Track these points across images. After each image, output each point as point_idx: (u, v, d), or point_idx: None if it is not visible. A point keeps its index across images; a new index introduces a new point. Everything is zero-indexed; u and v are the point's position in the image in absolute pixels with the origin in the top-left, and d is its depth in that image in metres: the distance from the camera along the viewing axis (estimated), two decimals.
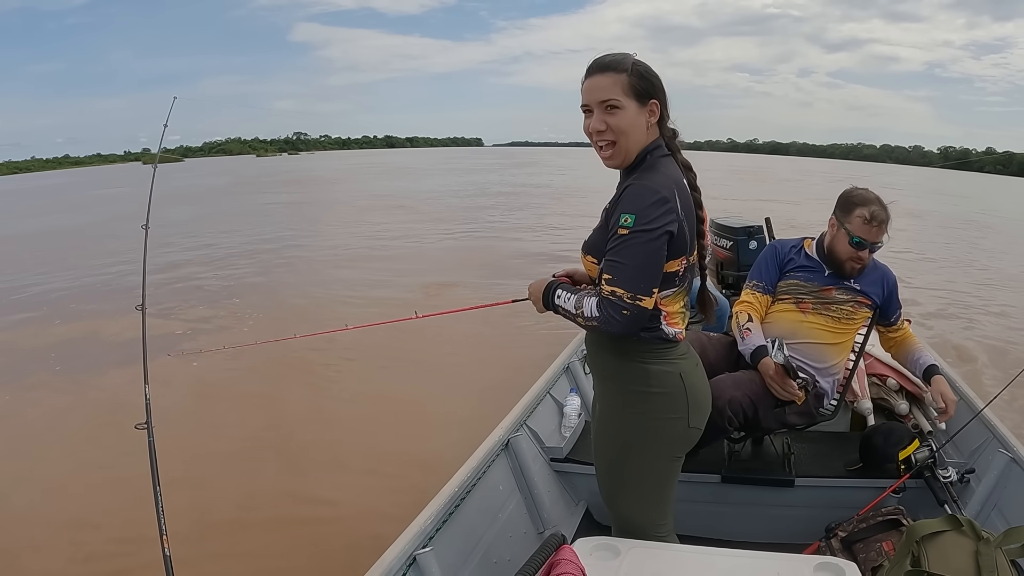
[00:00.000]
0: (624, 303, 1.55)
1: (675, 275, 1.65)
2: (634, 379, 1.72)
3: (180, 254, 13.06)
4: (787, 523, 2.60)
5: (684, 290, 1.72)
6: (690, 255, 1.68)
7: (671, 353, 1.72)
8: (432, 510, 2.13)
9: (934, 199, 30.30)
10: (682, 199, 1.60)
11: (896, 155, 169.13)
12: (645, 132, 1.66)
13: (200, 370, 6.16)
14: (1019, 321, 8.42)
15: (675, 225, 1.57)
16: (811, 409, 2.49)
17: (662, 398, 1.71)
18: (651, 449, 1.76)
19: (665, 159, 1.67)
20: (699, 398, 1.76)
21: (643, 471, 1.79)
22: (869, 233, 2.46)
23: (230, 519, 3.83)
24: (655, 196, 1.54)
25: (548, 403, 3.12)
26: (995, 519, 2.37)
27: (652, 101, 1.64)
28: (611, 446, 1.82)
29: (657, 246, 1.55)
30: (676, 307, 1.71)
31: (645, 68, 1.64)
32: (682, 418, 1.72)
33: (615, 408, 1.78)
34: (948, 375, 3.25)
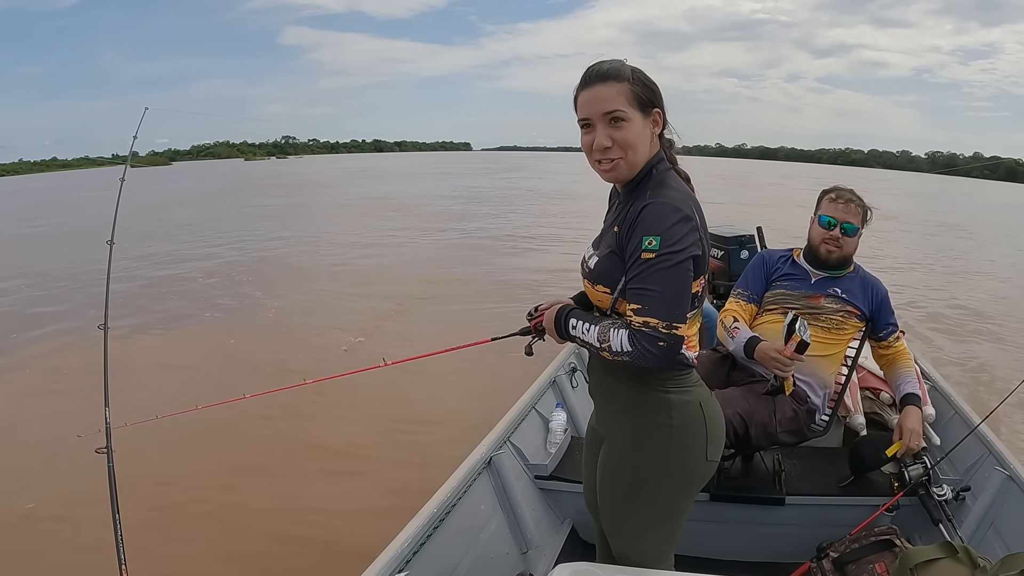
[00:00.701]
0: (659, 334, 1.42)
1: (696, 296, 1.54)
2: (655, 411, 1.59)
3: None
4: (778, 542, 2.54)
5: (700, 311, 1.61)
6: (707, 274, 1.58)
7: (689, 380, 1.60)
8: (409, 532, 2.06)
9: (930, 204, 30.64)
10: (699, 215, 1.51)
11: (884, 160, 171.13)
12: (650, 144, 1.56)
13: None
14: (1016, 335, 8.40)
15: (700, 245, 1.47)
16: (802, 426, 2.43)
17: (683, 431, 1.58)
18: (668, 486, 1.63)
19: (670, 172, 1.57)
20: (716, 429, 1.64)
21: (656, 508, 1.66)
22: (836, 210, 2.52)
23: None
24: (678, 215, 1.44)
25: (533, 418, 3.05)
26: (991, 539, 2.31)
27: (655, 110, 1.54)
28: (623, 482, 1.67)
29: (685, 268, 1.44)
30: (693, 330, 1.58)
31: (645, 75, 1.54)
32: (701, 450, 1.60)
33: (631, 442, 1.64)
34: (943, 389, 3.22)
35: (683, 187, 1.55)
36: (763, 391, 2.43)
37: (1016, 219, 28.37)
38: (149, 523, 3.58)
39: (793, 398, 2.41)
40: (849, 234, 2.51)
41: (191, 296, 9.61)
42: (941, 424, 3.05)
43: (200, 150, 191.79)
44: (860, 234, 2.55)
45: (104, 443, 1.74)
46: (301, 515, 3.83)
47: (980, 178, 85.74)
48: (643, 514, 1.67)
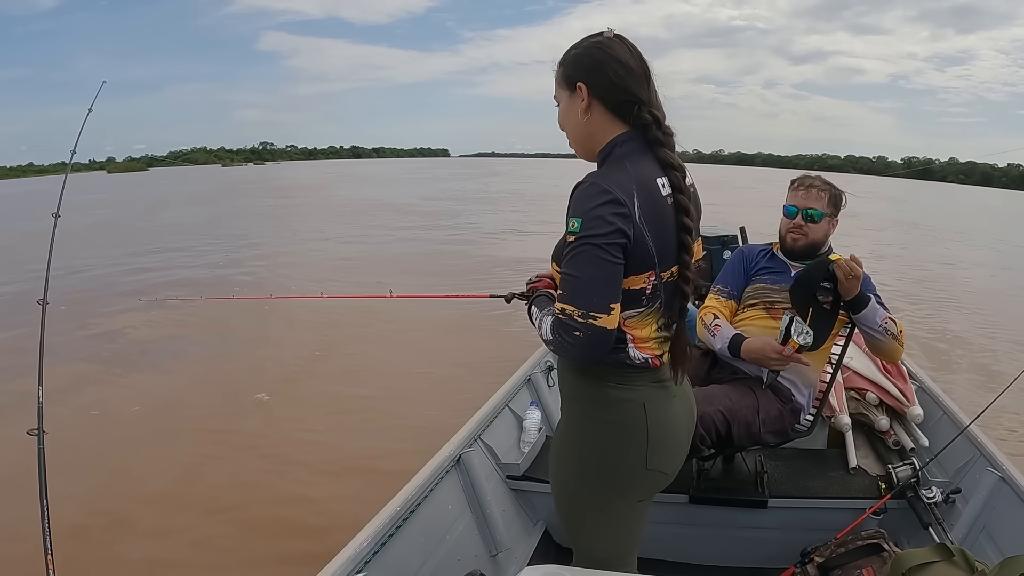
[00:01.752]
0: (575, 322, 1.33)
1: (640, 293, 1.41)
2: (592, 402, 1.50)
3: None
4: (760, 547, 2.46)
5: (657, 312, 1.46)
6: (663, 270, 1.42)
7: (638, 379, 1.48)
8: (369, 531, 1.96)
9: (895, 204, 31.63)
10: (645, 202, 1.35)
11: (860, 165, 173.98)
12: (581, 122, 1.46)
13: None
14: (1006, 334, 8.47)
15: (628, 233, 1.33)
16: (786, 426, 2.33)
17: (616, 429, 1.47)
18: (601, 483, 1.53)
19: (637, 154, 1.42)
20: (665, 437, 1.51)
21: (594, 505, 1.57)
22: (797, 198, 2.44)
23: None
24: (604, 197, 1.32)
25: (506, 416, 2.95)
26: (984, 543, 2.22)
27: (578, 85, 1.44)
28: (563, 472, 1.60)
29: (605, 255, 1.32)
30: (647, 331, 1.46)
31: (578, 51, 1.45)
32: (638, 455, 1.48)
33: (571, 431, 1.56)
34: (930, 389, 3.15)
35: (642, 170, 1.40)
36: (759, 387, 2.32)
37: (974, 219, 30.08)
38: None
39: (777, 396, 2.31)
40: (814, 220, 2.40)
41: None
42: (929, 425, 2.98)
43: (177, 156, 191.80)
44: (830, 220, 2.44)
45: (36, 424, 1.63)
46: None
47: (955, 183, 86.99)
48: (582, 510, 1.59)
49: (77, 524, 3.64)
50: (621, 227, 1.31)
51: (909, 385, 3.11)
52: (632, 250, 1.34)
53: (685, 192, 1.42)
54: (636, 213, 1.33)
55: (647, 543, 2.21)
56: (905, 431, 2.95)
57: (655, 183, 1.39)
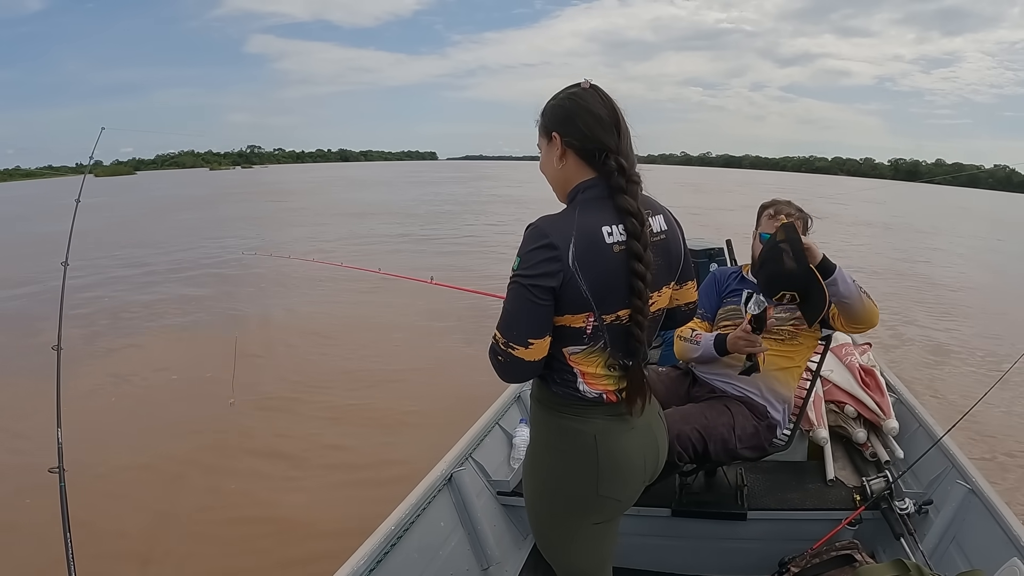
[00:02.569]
0: (499, 348, 1.47)
1: (580, 332, 1.48)
2: (548, 430, 1.60)
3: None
4: (740, 557, 2.53)
5: (602, 351, 1.51)
6: (604, 312, 1.46)
7: (591, 412, 1.55)
8: (366, 549, 2.04)
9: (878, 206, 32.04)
10: (582, 249, 1.41)
11: (847, 167, 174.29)
12: (556, 169, 1.54)
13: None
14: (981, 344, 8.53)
15: (559, 277, 1.39)
16: (762, 442, 2.41)
17: (568, 456, 1.57)
18: (556, 505, 1.63)
19: (596, 201, 1.48)
20: (616, 467, 1.57)
21: (554, 524, 1.66)
22: (772, 226, 2.46)
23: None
24: (539, 242, 1.41)
25: (496, 434, 3.03)
26: (953, 553, 2.30)
27: (552, 134, 1.51)
28: (527, 491, 1.71)
29: (530, 295, 1.41)
30: (595, 368, 1.52)
31: (555, 102, 1.53)
32: (590, 483, 1.56)
33: (532, 456, 1.68)
34: (907, 402, 3.24)
35: (590, 218, 1.44)
36: (735, 405, 2.40)
37: (956, 220, 30.52)
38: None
39: (753, 413, 2.39)
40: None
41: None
42: (906, 437, 3.06)
43: (164, 160, 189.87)
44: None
45: (56, 463, 1.73)
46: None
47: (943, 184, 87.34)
48: (545, 528, 1.69)
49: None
50: (549, 271, 1.39)
51: (887, 398, 3.17)
52: (563, 293, 1.42)
53: (641, 239, 1.43)
54: (570, 258, 1.39)
55: (632, 554, 2.30)
56: (882, 443, 3.03)
57: (599, 231, 1.43)
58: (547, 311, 1.43)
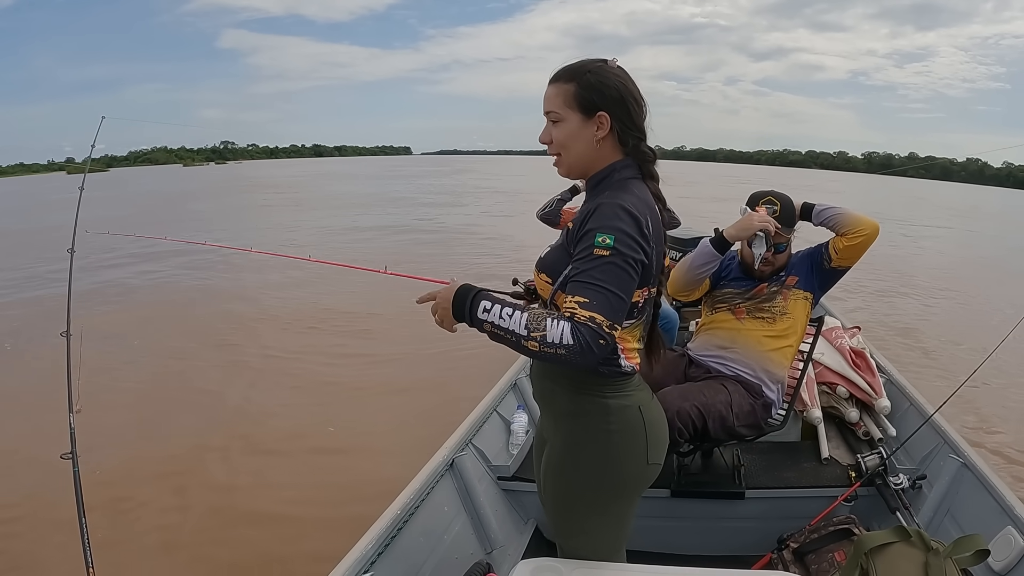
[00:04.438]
0: (603, 332, 1.35)
1: (636, 306, 1.50)
2: (594, 416, 1.57)
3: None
4: (739, 535, 2.57)
5: (642, 323, 1.57)
6: (652, 286, 1.54)
7: (628, 386, 1.58)
8: (373, 534, 2.06)
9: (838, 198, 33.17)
10: (655, 223, 1.48)
11: (821, 161, 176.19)
12: (593, 147, 1.52)
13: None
14: (970, 324, 8.67)
15: (647, 254, 1.44)
16: (758, 419, 2.45)
17: (622, 435, 1.57)
18: (608, 491, 1.62)
19: (636, 181, 1.52)
20: (657, 432, 1.62)
21: (596, 512, 1.65)
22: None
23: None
24: (635, 220, 1.41)
25: (495, 421, 3.05)
26: (948, 525, 2.35)
27: (600, 114, 1.48)
28: (564, 485, 1.66)
29: (633, 273, 1.40)
30: (632, 342, 1.56)
31: (600, 78, 1.48)
32: (641, 454, 1.58)
33: (571, 448, 1.62)
34: (898, 382, 3.29)
35: (646, 197, 1.50)
36: (732, 384, 2.45)
37: (911, 209, 31.34)
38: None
39: (748, 392, 2.44)
40: (780, 251, 2.53)
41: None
42: (897, 416, 3.12)
43: (137, 156, 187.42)
44: (791, 242, 2.57)
45: (69, 449, 1.74)
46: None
47: (916, 177, 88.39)
48: (584, 517, 1.66)
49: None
50: (644, 247, 1.42)
51: (877, 378, 3.24)
52: (646, 267, 1.45)
53: (665, 222, 1.54)
54: (650, 236, 1.44)
55: (633, 535, 2.31)
56: (874, 422, 3.09)
57: (656, 209, 1.51)
58: (635, 288, 1.45)
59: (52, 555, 3.25)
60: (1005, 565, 1.96)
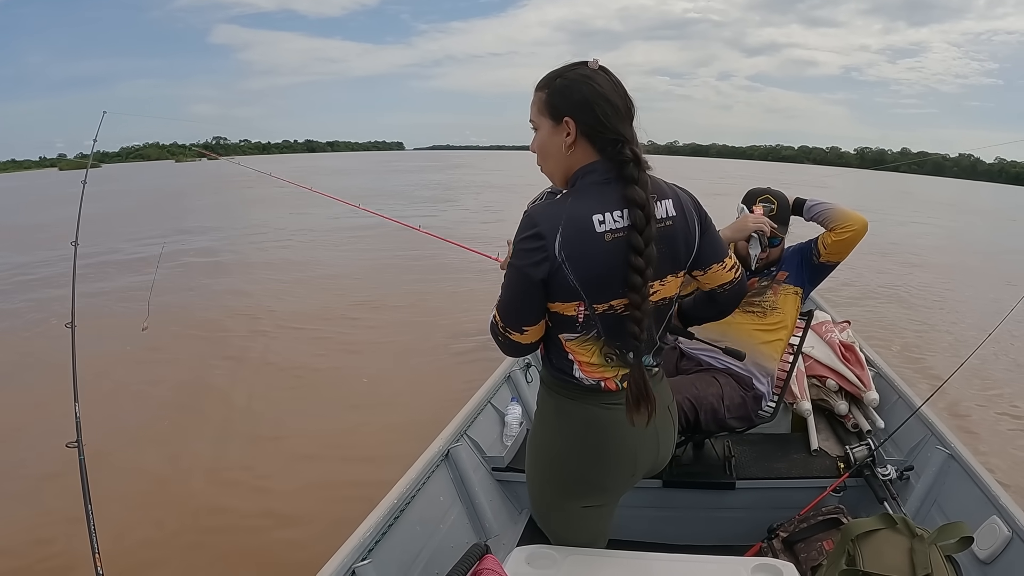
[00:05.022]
0: (498, 330, 1.52)
1: (572, 319, 1.46)
2: (547, 410, 1.64)
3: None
4: (730, 525, 2.61)
5: (596, 340, 1.49)
6: (596, 302, 1.43)
7: (589, 398, 1.55)
8: (371, 522, 2.09)
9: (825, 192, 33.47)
10: (570, 238, 1.37)
11: (814, 156, 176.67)
12: (563, 153, 1.46)
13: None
14: (959, 318, 8.75)
15: (545, 266, 1.38)
16: (749, 411, 2.49)
17: (559, 437, 1.60)
18: (549, 483, 1.67)
19: (594, 186, 1.43)
20: (604, 456, 1.57)
21: (549, 501, 1.71)
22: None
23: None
24: (529, 231, 1.39)
25: (489, 412, 3.08)
26: (935, 515, 2.39)
27: (566, 119, 1.43)
28: (527, 465, 1.74)
29: (522, 282, 1.42)
30: (591, 357, 1.50)
31: (568, 83, 1.43)
32: (577, 468, 1.59)
33: (532, 434, 1.72)
34: (887, 375, 3.33)
35: (585, 206, 1.40)
36: (723, 376, 2.48)
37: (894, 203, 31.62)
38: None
39: (739, 384, 2.47)
40: (773, 245, 2.55)
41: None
42: (886, 408, 3.16)
43: (129, 152, 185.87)
44: (784, 238, 2.59)
45: (75, 437, 1.76)
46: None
47: (909, 173, 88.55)
48: (539, 501, 1.74)
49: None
50: (535, 260, 1.38)
51: (866, 371, 3.28)
52: (551, 282, 1.40)
53: (644, 233, 1.38)
54: (556, 248, 1.37)
55: (626, 525, 2.36)
56: (863, 414, 3.13)
57: (589, 220, 1.38)
58: (538, 299, 1.44)
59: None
60: (990, 553, 2.00)
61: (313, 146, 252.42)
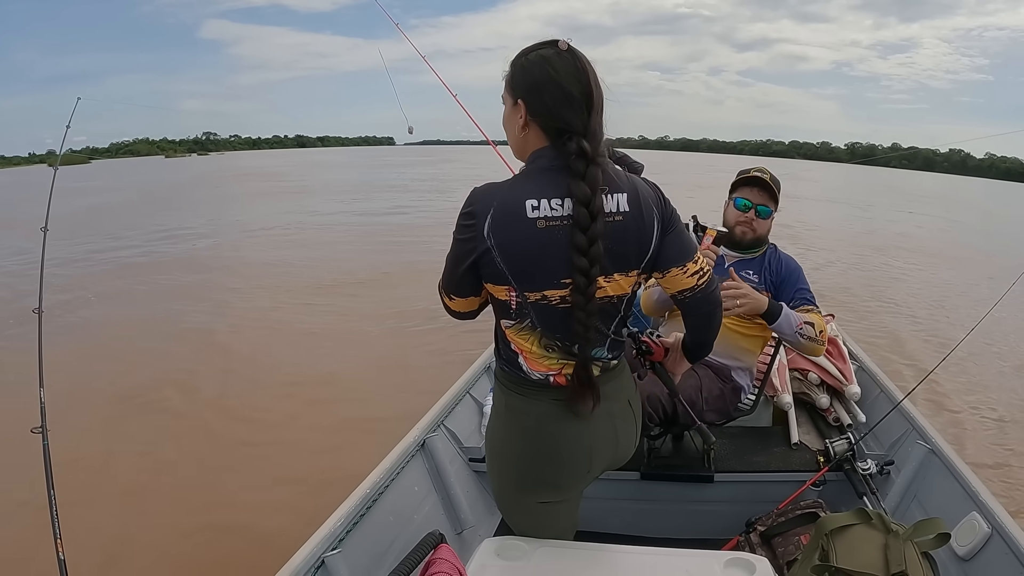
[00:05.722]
0: (441, 293, 1.55)
1: (506, 304, 1.44)
2: (499, 403, 1.63)
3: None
4: (708, 519, 2.58)
5: (531, 329, 1.45)
6: (527, 290, 1.39)
7: (539, 395, 1.52)
8: (342, 512, 2.06)
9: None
10: (499, 221, 1.34)
11: (804, 151, 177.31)
12: (518, 133, 1.43)
13: None
14: (941, 314, 8.75)
15: (473, 245, 1.37)
16: (727, 404, 2.47)
17: (510, 433, 1.59)
18: (503, 477, 1.67)
19: (540, 172, 1.39)
20: (555, 454, 1.55)
21: (505, 495, 1.70)
22: (752, 193, 2.50)
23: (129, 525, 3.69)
24: (466, 208, 1.39)
25: (467, 403, 3.05)
26: (914, 510, 2.37)
27: (518, 100, 1.40)
28: (487, 460, 1.73)
29: (457, 252, 1.43)
30: (532, 346, 1.47)
31: (528, 63, 1.38)
32: (528, 465, 1.58)
33: (488, 425, 1.71)
34: (869, 368, 3.31)
35: (523, 190, 1.36)
36: (701, 368, 2.44)
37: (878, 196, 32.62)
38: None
39: (718, 376, 2.45)
40: (763, 216, 2.50)
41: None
42: (868, 402, 3.14)
43: (119, 148, 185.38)
44: (773, 216, 2.54)
45: (40, 423, 1.77)
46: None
47: (900, 168, 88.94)
48: (497, 493, 1.73)
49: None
50: (465, 237, 1.39)
51: (848, 365, 3.26)
52: (480, 261, 1.39)
53: (589, 231, 1.33)
54: (484, 229, 1.35)
55: (604, 518, 2.33)
56: (844, 408, 3.11)
57: (521, 205, 1.34)
58: (465, 275, 1.44)
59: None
60: (969, 550, 1.98)
61: (303, 141, 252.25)
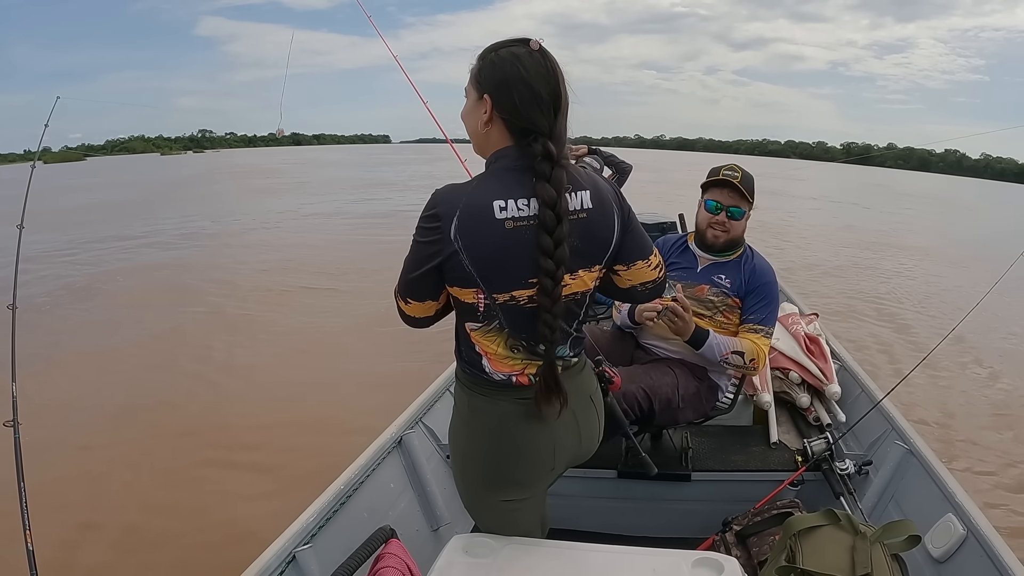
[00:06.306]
0: (397, 295, 1.51)
1: (473, 307, 1.42)
2: (460, 403, 1.61)
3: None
4: (685, 517, 2.58)
5: (499, 331, 1.45)
6: (495, 291, 1.39)
7: (500, 395, 1.51)
8: (315, 507, 2.05)
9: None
10: (466, 224, 1.33)
11: (800, 151, 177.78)
12: (479, 129, 1.42)
13: None
14: (923, 312, 8.82)
15: (439, 248, 1.35)
16: (703, 403, 2.46)
17: (472, 433, 1.58)
18: (466, 476, 1.65)
19: (504, 172, 1.38)
20: (518, 454, 1.54)
21: (470, 494, 1.69)
22: (722, 195, 2.43)
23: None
24: (428, 211, 1.36)
25: (447, 400, 3.03)
26: (891, 510, 2.37)
27: (484, 95, 1.38)
28: (451, 459, 1.72)
29: (416, 256, 1.41)
30: (497, 348, 1.46)
31: (497, 59, 1.36)
32: (491, 464, 1.57)
33: (451, 424, 1.67)
34: (851, 368, 3.30)
35: (479, 191, 1.35)
36: (678, 366, 2.44)
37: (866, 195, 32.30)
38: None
39: (694, 375, 2.43)
40: (735, 218, 2.43)
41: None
42: (848, 402, 3.13)
43: (115, 145, 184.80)
44: (748, 216, 2.48)
45: (11, 416, 1.83)
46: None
47: (894, 167, 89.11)
48: (466, 498, 1.71)
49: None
50: (430, 240, 1.36)
51: (830, 364, 3.23)
52: (445, 265, 1.37)
53: (555, 233, 1.32)
54: (451, 231, 1.33)
55: (581, 516, 2.32)
56: (825, 408, 3.09)
57: (489, 206, 1.33)
58: (425, 278, 1.42)
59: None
60: (944, 552, 1.97)
61: (299, 139, 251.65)
